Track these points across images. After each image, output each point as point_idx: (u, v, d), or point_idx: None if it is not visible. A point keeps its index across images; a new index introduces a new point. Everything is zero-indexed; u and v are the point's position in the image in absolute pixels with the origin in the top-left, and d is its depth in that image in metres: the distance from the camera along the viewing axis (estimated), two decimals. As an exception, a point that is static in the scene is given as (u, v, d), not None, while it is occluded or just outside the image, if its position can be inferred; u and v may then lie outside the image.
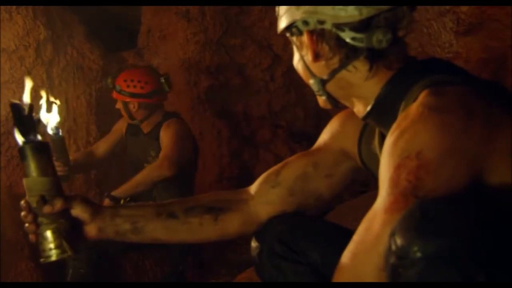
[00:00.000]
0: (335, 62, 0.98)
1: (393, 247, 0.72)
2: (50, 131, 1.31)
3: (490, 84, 0.92)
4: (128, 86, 2.82)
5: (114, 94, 2.88)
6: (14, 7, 3.20)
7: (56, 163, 2.14)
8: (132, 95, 2.83)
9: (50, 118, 1.36)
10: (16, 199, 1.06)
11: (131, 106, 2.86)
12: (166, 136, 2.82)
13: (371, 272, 0.79)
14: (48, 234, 1.07)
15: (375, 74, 0.97)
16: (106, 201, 2.64)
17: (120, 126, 3.07)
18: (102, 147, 3.05)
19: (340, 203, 2.66)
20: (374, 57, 0.96)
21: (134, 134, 2.97)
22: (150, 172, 2.69)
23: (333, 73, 0.99)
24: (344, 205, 2.61)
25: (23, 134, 1.07)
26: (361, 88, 0.99)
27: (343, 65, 0.98)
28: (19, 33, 3.23)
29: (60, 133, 1.46)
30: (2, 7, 3.16)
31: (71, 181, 3.20)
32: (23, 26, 3.24)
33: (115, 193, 2.65)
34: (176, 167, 2.67)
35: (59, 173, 1.25)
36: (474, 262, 0.67)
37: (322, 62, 0.99)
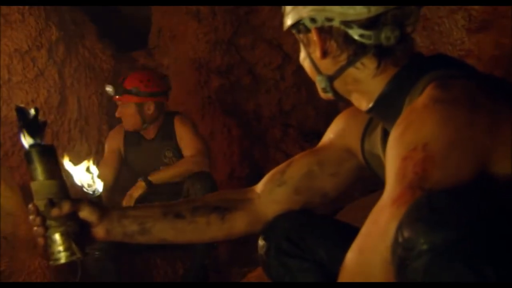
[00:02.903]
0: (343, 59, 0.98)
1: (400, 239, 0.72)
2: (89, 191, 1.32)
3: (494, 79, 0.93)
4: (146, 86, 2.78)
5: (128, 98, 2.76)
6: (27, 8, 3.23)
7: None
8: (151, 94, 2.79)
9: (86, 179, 1.34)
10: (29, 199, 1.08)
11: (146, 108, 2.79)
12: (186, 132, 2.82)
13: (378, 265, 0.79)
14: (57, 236, 1.08)
15: (382, 71, 0.97)
16: (141, 184, 2.67)
17: (115, 143, 2.92)
18: (108, 174, 2.78)
19: (350, 202, 2.65)
20: (382, 54, 0.96)
21: (135, 144, 2.88)
22: (190, 166, 2.71)
23: (341, 70, 0.99)
24: (354, 204, 2.60)
25: (29, 137, 1.07)
26: (368, 84, 0.99)
27: (351, 62, 0.98)
28: (31, 34, 3.27)
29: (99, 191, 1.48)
30: (15, 8, 3.20)
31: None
32: (35, 27, 3.28)
33: (151, 178, 2.68)
34: (208, 159, 2.77)
35: None
36: (481, 253, 0.67)
37: (330, 59, 0.99)
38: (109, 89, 2.79)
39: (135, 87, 2.78)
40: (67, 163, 1.22)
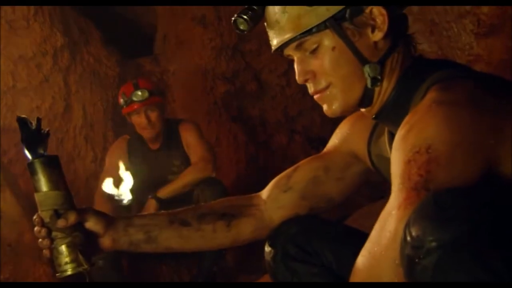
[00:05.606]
0: (388, 42, 0.96)
1: (408, 239, 0.72)
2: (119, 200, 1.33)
3: (496, 78, 0.92)
4: (156, 86, 2.83)
5: (155, 99, 2.73)
6: (32, 14, 3.23)
7: None
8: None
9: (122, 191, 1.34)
10: (33, 207, 1.06)
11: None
12: (192, 138, 2.81)
13: (388, 268, 0.79)
14: (63, 248, 1.06)
15: (392, 70, 0.98)
16: (152, 202, 2.62)
17: (116, 158, 2.76)
18: None
19: (358, 209, 2.62)
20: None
21: (140, 156, 2.82)
22: (195, 174, 2.70)
23: (387, 54, 0.97)
24: (362, 211, 2.57)
25: (31, 149, 1.05)
26: (385, 82, 0.98)
27: (394, 46, 0.97)
28: (36, 40, 3.27)
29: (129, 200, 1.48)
30: (20, 15, 3.20)
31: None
32: (40, 33, 3.27)
33: (160, 194, 2.64)
34: (214, 165, 2.76)
35: None
36: (490, 248, 0.66)
37: (382, 41, 0.95)
38: (140, 93, 2.70)
39: (154, 87, 2.78)
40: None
